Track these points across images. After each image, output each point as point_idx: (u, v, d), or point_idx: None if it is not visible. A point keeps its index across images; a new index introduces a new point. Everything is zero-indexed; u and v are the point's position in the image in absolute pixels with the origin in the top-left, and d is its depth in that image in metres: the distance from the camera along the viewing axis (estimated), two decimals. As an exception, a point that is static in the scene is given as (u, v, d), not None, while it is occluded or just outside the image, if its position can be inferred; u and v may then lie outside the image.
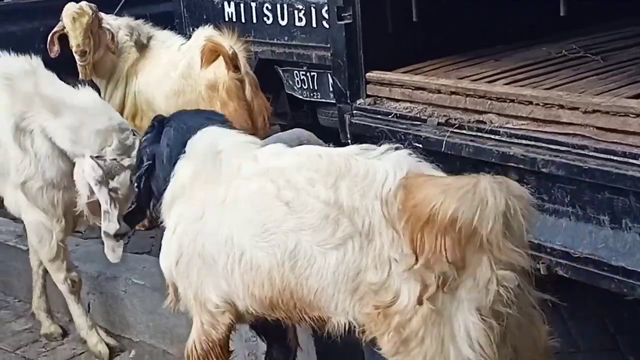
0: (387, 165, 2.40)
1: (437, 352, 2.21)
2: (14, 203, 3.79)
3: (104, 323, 4.06)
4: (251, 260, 2.55)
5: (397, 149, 2.49)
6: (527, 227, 2.17)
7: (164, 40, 4.96)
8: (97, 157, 3.50)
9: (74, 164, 3.63)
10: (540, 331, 2.40)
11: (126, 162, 3.54)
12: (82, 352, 3.97)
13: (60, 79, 3.79)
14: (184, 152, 2.80)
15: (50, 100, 3.60)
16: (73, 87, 3.73)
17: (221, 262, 2.62)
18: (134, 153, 3.48)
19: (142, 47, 4.91)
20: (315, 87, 5.36)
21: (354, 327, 2.42)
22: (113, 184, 3.49)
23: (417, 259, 2.16)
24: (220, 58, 4.52)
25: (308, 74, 5.35)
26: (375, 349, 2.39)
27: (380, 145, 2.54)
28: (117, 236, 3.49)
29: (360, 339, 2.41)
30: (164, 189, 2.82)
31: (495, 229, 2.09)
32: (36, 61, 3.81)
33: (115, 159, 3.52)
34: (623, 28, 3.89)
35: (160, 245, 2.88)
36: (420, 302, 2.19)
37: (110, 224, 3.47)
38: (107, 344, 3.91)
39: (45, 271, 4.06)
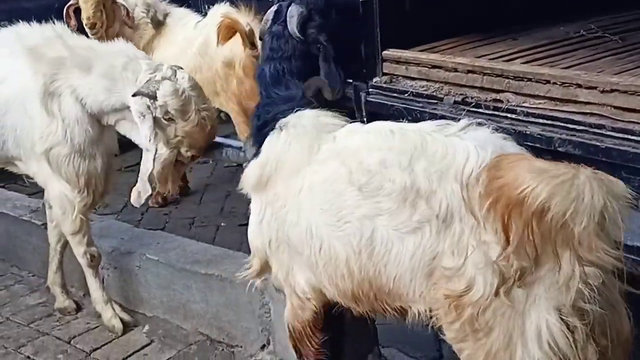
0: (468, 144, 2.27)
1: (502, 346, 2.12)
2: (39, 175, 3.77)
3: (118, 298, 4.09)
4: (329, 251, 2.46)
5: (479, 124, 2.39)
6: (623, 228, 2.00)
7: (181, 17, 4.97)
8: (134, 93, 3.38)
9: (102, 129, 3.61)
10: (624, 325, 2.20)
11: (158, 75, 3.38)
12: (96, 327, 4.01)
13: None
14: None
15: (80, 57, 3.55)
16: None
17: (305, 253, 2.55)
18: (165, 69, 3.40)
19: (158, 24, 4.92)
20: (331, 66, 5.34)
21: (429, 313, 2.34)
22: (159, 102, 3.33)
23: (504, 248, 2.01)
24: (237, 35, 4.52)
25: (323, 52, 5.33)
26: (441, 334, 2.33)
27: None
28: (150, 183, 3.39)
29: (431, 324, 2.34)
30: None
31: (588, 228, 1.93)
32: (60, 26, 3.79)
33: (149, 80, 3.38)
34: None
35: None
36: (496, 293, 2.07)
37: (147, 162, 3.39)
38: (121, 319, 3.94)
39: (63, 247, 4.09)
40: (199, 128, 3.38)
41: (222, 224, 5.18)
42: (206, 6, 5.47)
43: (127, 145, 3.97)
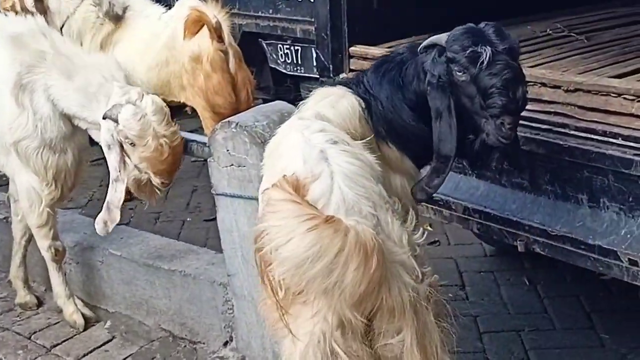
0: (298, 153, 2.24)
1: None
2: (8, 166, 3.69)
3: (80, 293, 4.02)
4: None
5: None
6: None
7: (141, 9, 4.86)
8: (103, 116, 3.33)
9: (75, 126, 3.55)
10: None
11: (124, 99, 3.31)
12: (57, 322, 3.93)
13: None
14: None
15: (62, 60, 3.47)
16: None
17: None
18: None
19: (117, 18, 4.80)
20: (299, 61, 5.32)
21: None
22: (119, 126, 3.27)
23: None
24: (204, 29, 4.47)
25: (292, 47, 5.31)
26: None
27: None
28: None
29: None
30: None
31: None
32: (42, 21, 3.71)
33: (115, 104, 3.31)
34: (608, 8, 3.90)
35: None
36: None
37: (116, 194, 3.36)
38: (82, 314, 3.88)
39: (28, 241, 4.02)
40: (157, 154, 3.32)
41: (188, 219, 5.14)
42: (171, -1, 5.43)
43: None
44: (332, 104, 2.44)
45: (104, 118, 3.34)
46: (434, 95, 2.45)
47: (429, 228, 4.72)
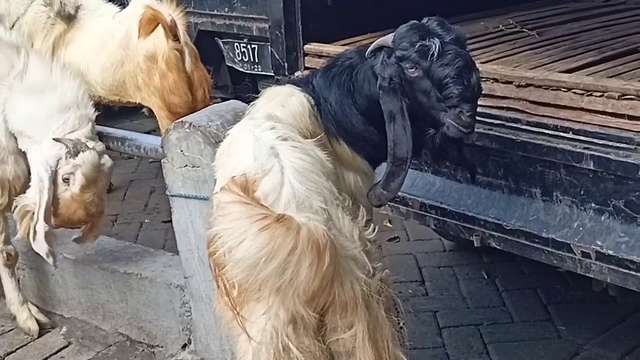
0: (249, 152, 2.24)
1: None
2: None
3: (34, 299, 3.94)
4: None
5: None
6: None
7: (95, 8, 4.78)
8: (58, 139, 3.31)
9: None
10: None
11: (90, 144, 3.35)
12: (11, 329, 3.85)
13: None
14: None
15: (31, 76, 3.42)
16: None
17: None
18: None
19: (69, 17, 4.72)
20: (256, 60, 5.29)
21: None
22: (76, 161, 3.29)
23: None
24: (159, 28, 4.41)
25: (249, 46, 5.28)
26: None
27: None
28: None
29: None
30: None
31: None
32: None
33: (76, 141, 3.32)
34: (560, 4, 3.94)
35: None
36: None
37: (38, 238, 3.34)
38: (37, 321, 3.81)
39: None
40: (74, 204, 3.35)
41: (146, 220, 5.09)
42: (125, -3, 5.36)
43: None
44: (281, 103, 2.42)
45: (56, 140, 3.31)
46: (385, 98, 2.44)
47: (388, 224, 4.74)
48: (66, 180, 3.33)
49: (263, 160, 2.10)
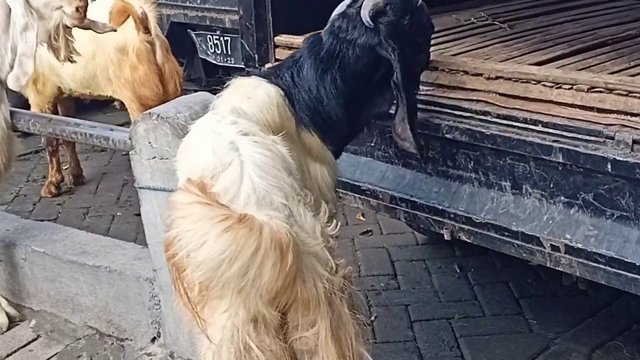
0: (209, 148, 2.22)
1: None
2: None
3: (3, 292, 3.88)
4: None
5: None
6: None
7: (67, 1, 4.73)
8: None
9: None
10: None
11: None
12: (-20, 323, 3.81)
13: None
14: None
15: None
16: None
17: None
18: None
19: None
20: (229, 52, 5.26)
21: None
22: None
23: None
24: (130, 20, 4.37)
25: (221, 38, 5.25)
26: None
27: None
28: None
29: None
30: None
31: None
32: None
33: None
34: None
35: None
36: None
37: (27, 43, 3.32)
38: (6, 313, 3.76)
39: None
40: None
41: (118, 213, 5.04)
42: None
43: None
44: (247, 95, 2.38)
45: None
46: (384, 40, 2.52)
47: (361, 218, 4.73)
48: None
49: (222, 155, 2.06)
